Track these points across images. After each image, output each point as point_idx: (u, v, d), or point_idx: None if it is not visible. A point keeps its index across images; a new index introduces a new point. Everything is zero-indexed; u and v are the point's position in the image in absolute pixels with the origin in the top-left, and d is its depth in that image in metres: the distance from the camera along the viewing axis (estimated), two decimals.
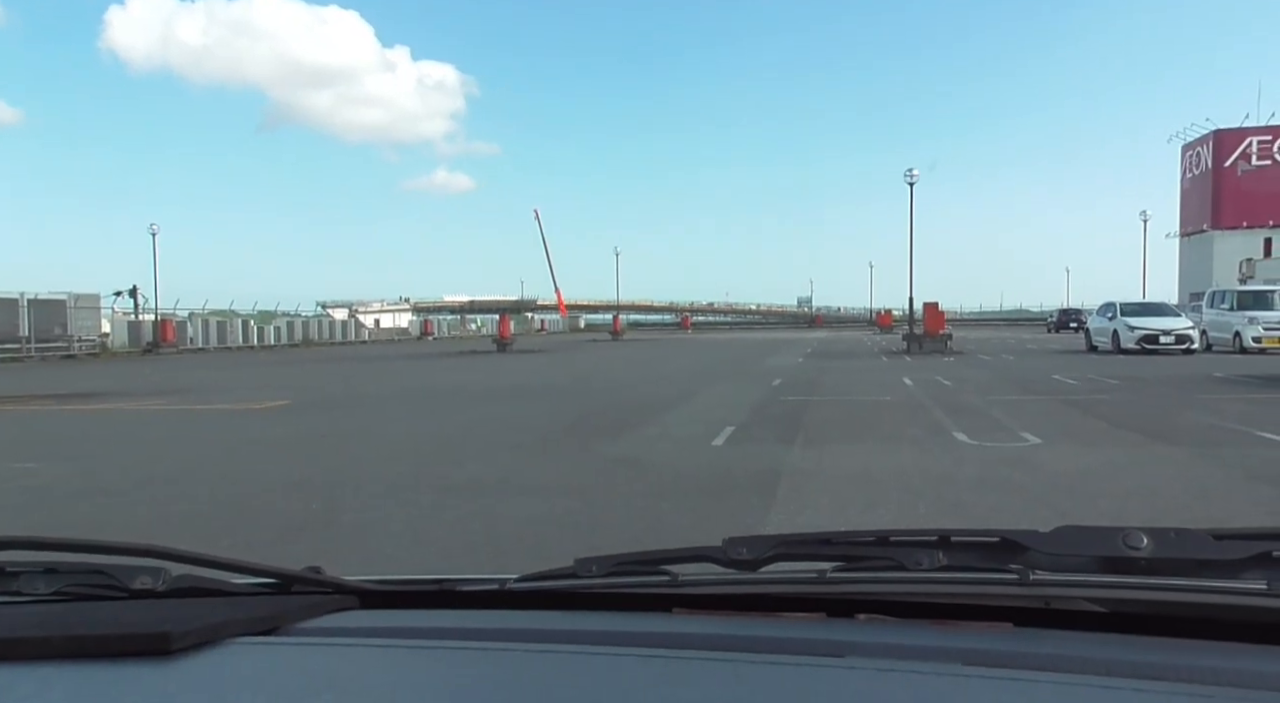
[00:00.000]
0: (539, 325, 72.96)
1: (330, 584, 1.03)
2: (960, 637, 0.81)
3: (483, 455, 7.07)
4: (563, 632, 0.89)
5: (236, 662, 0.82)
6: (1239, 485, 5.22)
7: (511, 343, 32.51)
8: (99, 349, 32.81)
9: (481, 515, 4.80)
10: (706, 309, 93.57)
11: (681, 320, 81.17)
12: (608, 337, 49.31)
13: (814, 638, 0.82)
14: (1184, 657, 0.72)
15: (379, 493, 5.45)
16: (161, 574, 0.97)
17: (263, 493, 5.52)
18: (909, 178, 29.26)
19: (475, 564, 3.80)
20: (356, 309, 65.00)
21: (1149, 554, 0.82)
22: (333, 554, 3.95)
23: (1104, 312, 23.22)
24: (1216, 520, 4.38)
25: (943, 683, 0.71)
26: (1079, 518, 3.69)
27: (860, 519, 4.53)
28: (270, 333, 44.00)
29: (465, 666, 0.83)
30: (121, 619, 0.88)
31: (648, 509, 4.87)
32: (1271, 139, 58.17)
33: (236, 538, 4.34)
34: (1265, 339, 19.41)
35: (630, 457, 6.75)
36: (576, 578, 0.98)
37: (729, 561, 0.93)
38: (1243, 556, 0.82)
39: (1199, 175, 61.58)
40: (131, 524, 4.76)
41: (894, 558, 0.89)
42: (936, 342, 24.70)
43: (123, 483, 6.09)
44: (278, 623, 0.91)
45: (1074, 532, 0.87)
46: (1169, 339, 20.48)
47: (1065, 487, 5.25)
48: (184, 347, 36.46)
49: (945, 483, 5.39)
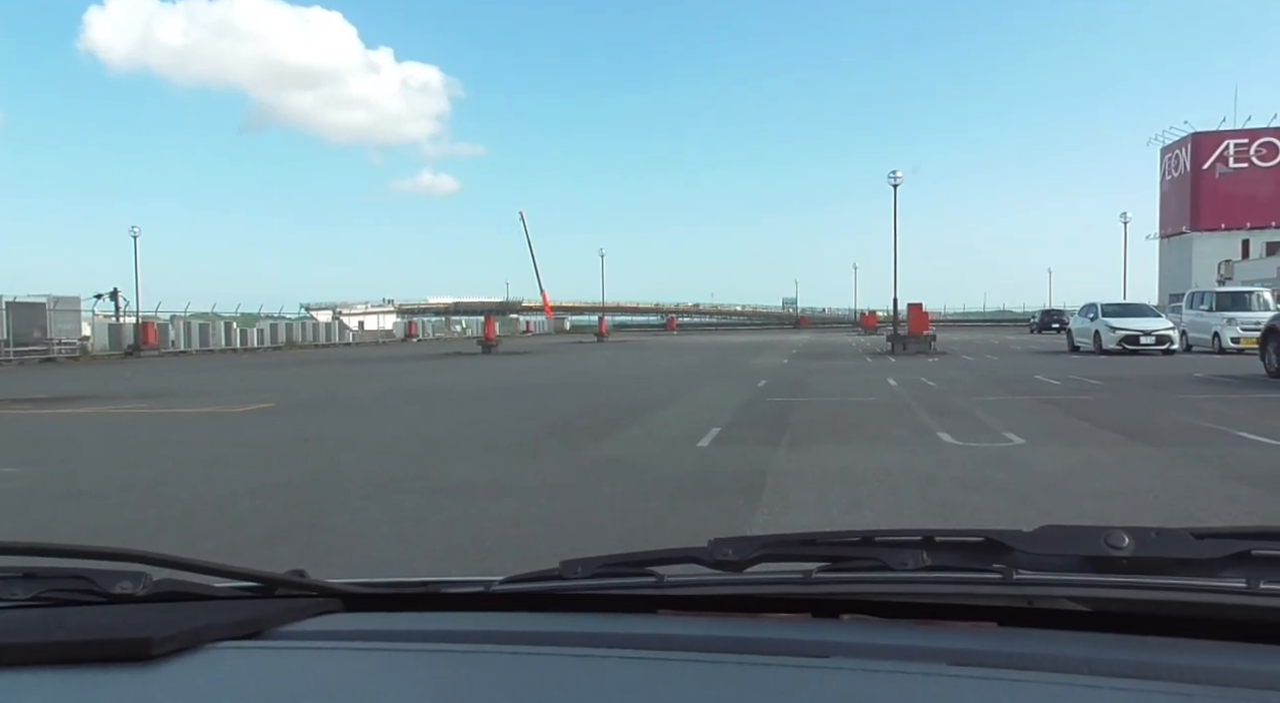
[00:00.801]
0: (524, 327, 72.74)
1: (314, 587, 1.02)
2: (945, 637, 0.82)
3: (468, 457, 7.05)
4: (548, 634, 0.88)
5: (218, 666, 0.81)
6: (1218, 485, 5.27)
7: (497, 345, 32.45)
8: (79, 352, 32.49)
9: (467, 517, 4.78)
10: (692, 310, 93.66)
11: (667, 322, 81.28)
12: (593, 338, 49.30)
13: (799, 639, 0.82)
14: (1165, 655, 0.73)
15: (364, 496, 5.42)
16: (142, 579, 0.96)
17: (246, 496, 5.48)
18: (892, 180, 29.39)
19: (461, 566, 3.79)
20: (341, 311, 64.63)
21: (1130, 554, 0.83)
22: (317, 558, 3.93)
23: (1086, 312, 23.42)
24: (1197, 519, 4.42)
25: (928, 683, 0.71)
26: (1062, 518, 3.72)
27: (845, 520, 4.55)
28: (253, 335, 43.69)
29: (451, 668, 0.83)
30: (101, 624, 0.87)
31: (633, 511, 4.87)
32: (1248, 142, 58.84)
33: (219, 542, 4.31)
34: (1243, 340, 19.57)
35: (616, 458, 6.74)
36: (562, 580, 0.98)
37: (714, 562, 0.93)
38: (1222, 555, 0.83)
39: (1178, 178, 62.22)
40: (113, 528, 4.72)
41: (879, 558, 0.89)
42: (920, 342, 24.83)
43: (104, 487, 6.03)
44: (260, 627, 0.90)
45: (1057, 532, 0.88)
46: (1150, 340, 20.67)
47: (1048, 487, 5.29)
48: (166, 350, 36.14)
49: (930, 483, 5.41)
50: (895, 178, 29.37)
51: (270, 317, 49.42)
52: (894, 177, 29.41)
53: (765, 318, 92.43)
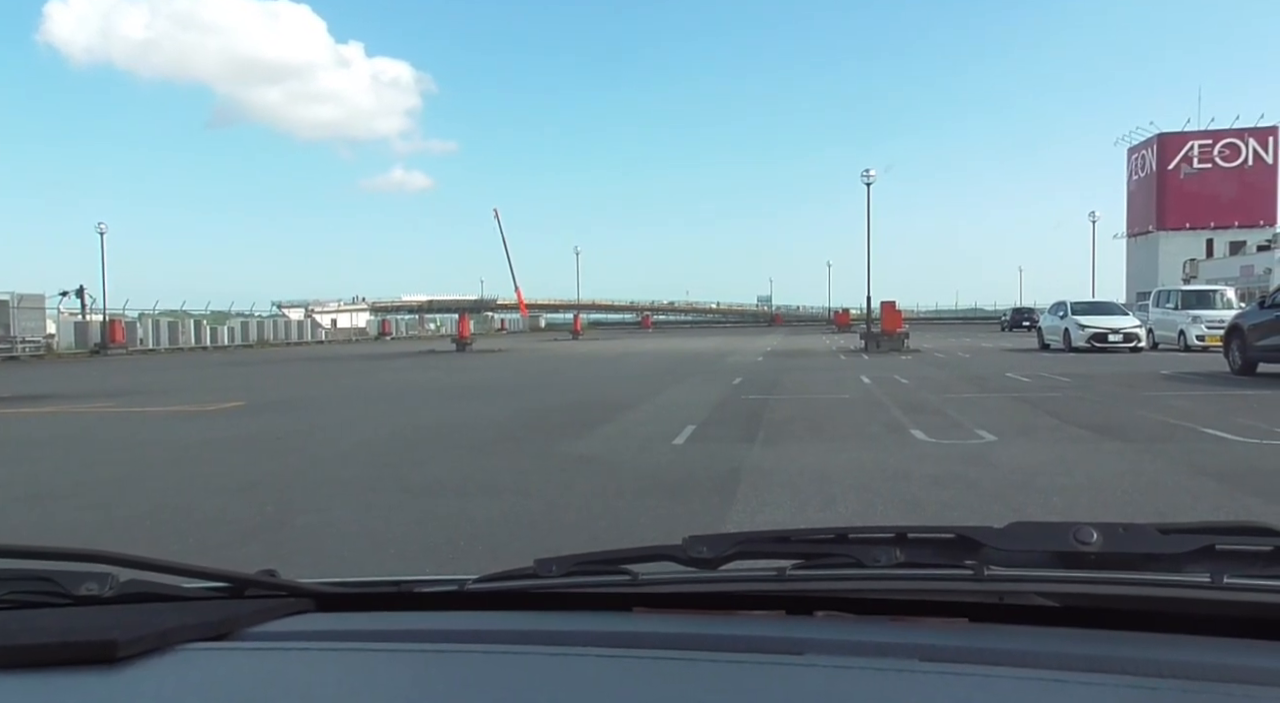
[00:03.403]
0: (499, 325, 72.47)
1: (285, 587, 1.01)
2: (917, 633, 0.82)
3: (442, 456, 7.01)
4: (522, 632, 0.88)
5: (186, 668, 0.80)
6: (1184, 480, 5.36)
7: (471, 342, 32.33)
8: (44, 350, 31.94)
9: (440, 516, 4.76)
10: (667, 308, 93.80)
11: (642, 320, 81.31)
12: (568, 336, 49.20)
13: (773, 636, 0.83)
14: (1132, 649, 0.74)
15: (336, 495, 5.38)
16: (108, 580, 0.94)
17: (215, 496, 5.41)
18: (866, 178, 29.62)
19: (434, 565, 3.77)
20: (313, 309, 64.01)
21: (1098, 549, 0.84)
22: (288, 557, 3.89)
23: (1055, 311, 23.72)
24: (1163, 514, 4.49)
25: (900, 679, 0.72)
26: (1032, 514, 3.76)
27: (819, 517, 4.57)
28: (224, 334, 43.18)
29: (425, 668, 0.82)
30: (66, 627, 0.85)
31: (608, 509, 4.87)
32: (1212, 143, 59.88)
33: (188, 542, 4.26)
34: (1208, 337, 19.93)
35: (591, 456, 6.73)
36: (536, 578, 0.97)
37: (689, 559, 0.93)
38: (1187, 549, 0.84)
39: (1144, 177, 63.21)
40: (77, 530, 4.64)
41: (852, 555, 0.90)
42: (894, 340, 25.04)
43: (68, 487, 5.93)
44: (230, 628, 0.89)
45: (1027, 528, 0.89)
46: (1118, 338, 20.97)
47: (1019, 483, 5.35)
48: (134, 348, 35.63)
49: (902, 480, 5.46)
50: (869, 176, 29.61)
51: (241, 315, 48.85)
52: (867, 175, 29.66)
53: (740, 316, 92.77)
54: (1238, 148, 59.50)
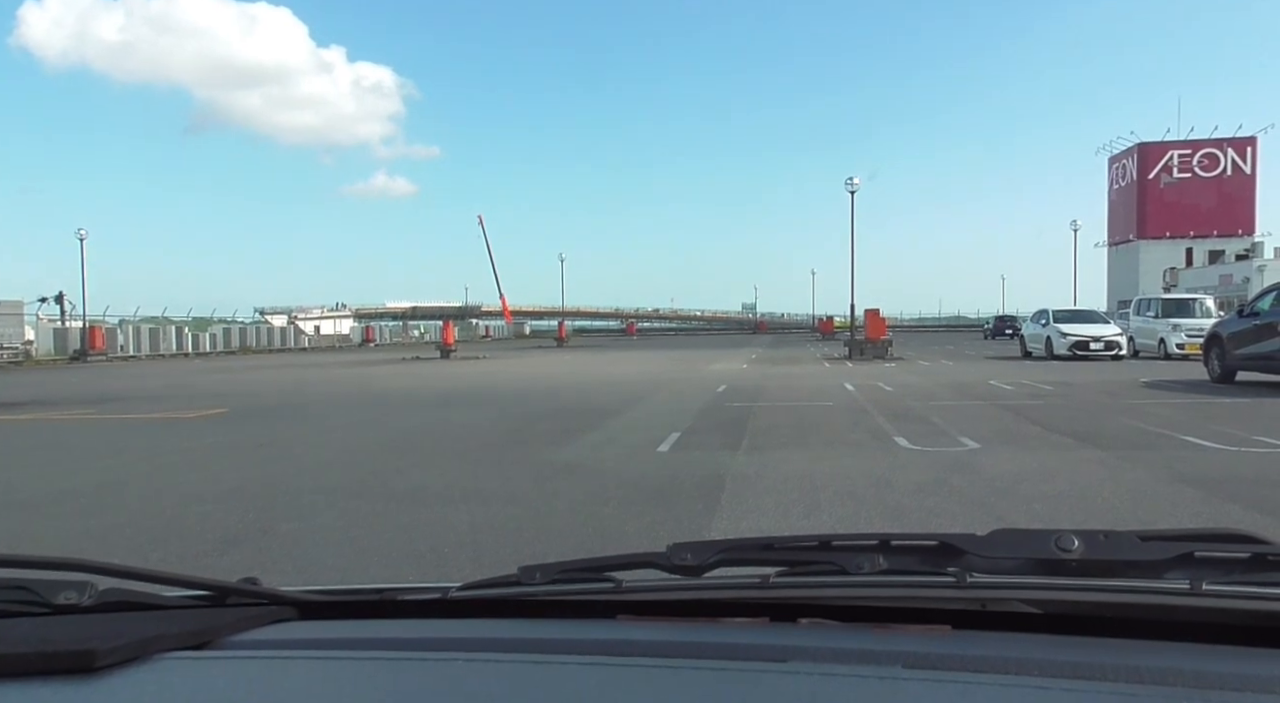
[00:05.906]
0: (484, 332, 72.23)
1: (267, 595, 1.00)
2: (900, 640, 0.83)
3: (426, 463, 6.98)
4: (506, 640, 0.88)
5: (165, 678, 0.79)
6: (1164, 487, 5.40)
7: (455, 349, 32.24)
8: (22, 357, 31.63)
9: (423, 524, 4.73)
10: (652, 315, 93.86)
11: (627, 327, 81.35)
12: (553, 343, 49.16)
13: (757, 643, 0.83)
14: (1113, 656, 0.75)
15: (319, 502, 5.34)
16: (88, 589, 0.93)
17: (197, 503, 5.36)
18: (850, 186, 29.77)
19: (417, 573, 3.75)
20: (296, 316, 63.64)
21: (1080, 556, 0.85)
22: (270, 566, 3.86)
23: (1038, 319, 23.92)
24: (1143, 521, 4.53)
25: (883, 686, 0.72)
26: (1015, 521, 3.77)
27: (803, 524, 4.58)
28: (206, 340, 42.85)
29: (408, 676, 0.82)
30: (44, 636, 0.84)
31: (593, 516, 4.86)
32: (1191, 153, 60.63)
33: (168, 550, 4.21)
34: (1188, 345, 20.14)
35: (575, 463, 6.72)
36: (520, 586, 0.97)
37: (673, 566, 0.93)
38: (1167, 556, 0.85)
39: (1125, 187, 63.89)
40: (56, 539, 4.59)
41: (836, 562, 0.90)
42: (878, 348, 25.15)
43: (46, 495, 5.86)
44: (211, 636, 0.88)
45: (1009, 535, 0.89)
46: (1099, 346, 21.15)
47: (1001, 490, 5.38)
48: (114, 354, 35.29)
49: (886, 487, 5.48)
50: (853, 184, 29.77)
51: (223, 321, 48.56)
52: (851, 183, 29.81)
53: (725, 323, 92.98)
54: (1216, 158, 60.28)
